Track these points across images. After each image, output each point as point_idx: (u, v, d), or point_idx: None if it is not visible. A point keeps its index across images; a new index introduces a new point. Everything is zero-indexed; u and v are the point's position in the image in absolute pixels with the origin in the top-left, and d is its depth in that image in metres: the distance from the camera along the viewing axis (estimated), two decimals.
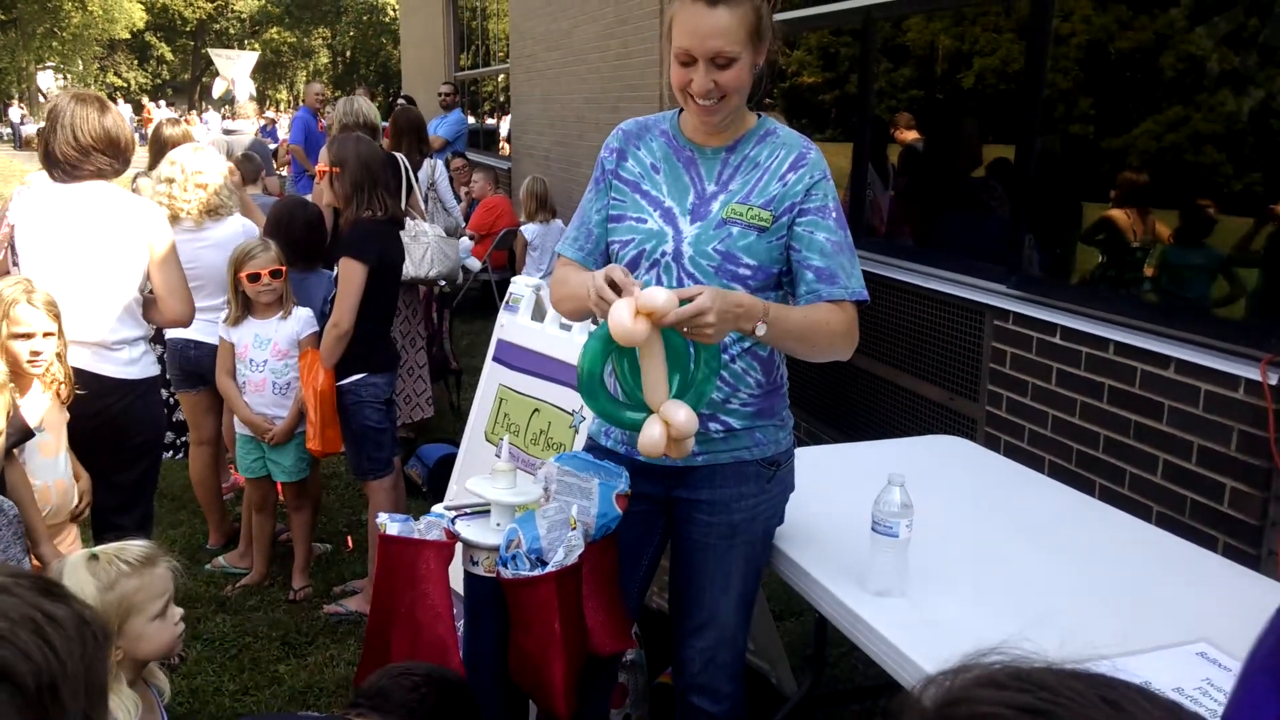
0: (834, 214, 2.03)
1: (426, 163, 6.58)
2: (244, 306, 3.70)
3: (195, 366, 3.96)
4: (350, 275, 3.42)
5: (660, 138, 2.13)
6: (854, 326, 2.04)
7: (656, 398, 1.81)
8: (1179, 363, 2.99)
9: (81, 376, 2.91)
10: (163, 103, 35.07)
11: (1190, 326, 3.04)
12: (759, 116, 2.11)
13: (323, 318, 3.69)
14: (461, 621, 2.14)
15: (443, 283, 5.30)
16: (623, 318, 1.69)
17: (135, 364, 3.08)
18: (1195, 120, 3.12)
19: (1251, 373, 2.77)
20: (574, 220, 2.22)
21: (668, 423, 1.79)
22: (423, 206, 5.51)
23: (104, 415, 2.99)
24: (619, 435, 2.17)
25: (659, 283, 2.02)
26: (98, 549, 1.93)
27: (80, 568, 1.87)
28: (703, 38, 1.89)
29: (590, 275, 1.82)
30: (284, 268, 3.68)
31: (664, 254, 2.04)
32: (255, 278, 3.62)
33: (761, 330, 1.86)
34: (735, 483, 2.10)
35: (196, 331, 3.76)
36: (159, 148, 4.94)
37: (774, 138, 2.08)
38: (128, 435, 3.09)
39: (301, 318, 3.73)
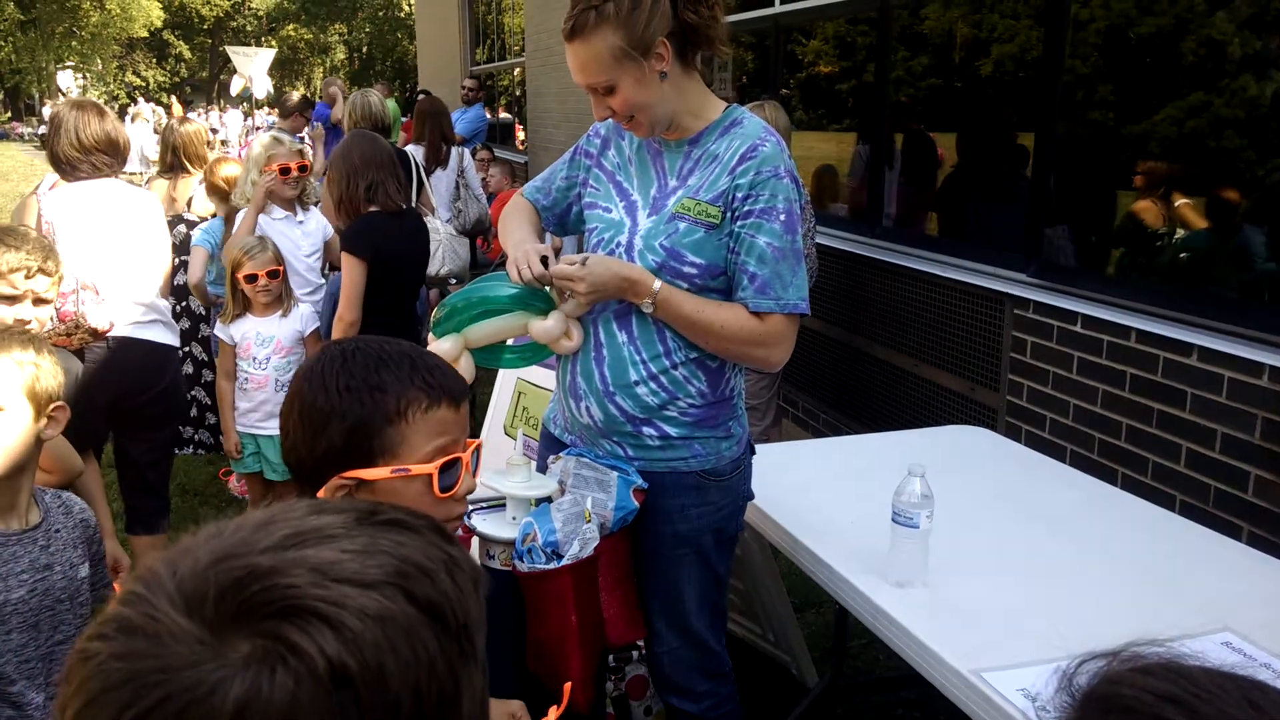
0: (782, 216, 1.91)
1: (454, 151, 6.59)
2: (242, 305, 3.70)
3: None
4: (348, 270, 3.50)
5: None
6: (774, 337, 1.96)
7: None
8: (1202, 350, 2.95)
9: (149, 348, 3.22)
10: (195, 110, 35.16)
11: (1213, 314, 3.00)
12: (727, 106, 2.04)
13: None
14: None
15: (453, 280, 5.29)
16: (551, 330, 1.98)
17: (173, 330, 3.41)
18: (1217, 105, 3.08)
19: (1275, 359, 2.74)
20: (545, 172, 2.27)
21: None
22: (432, 199, 5.49)
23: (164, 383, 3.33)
24: (564, 423, 2.17)
25: None
26: None
27: None
28: (575, 73, 1.96)
29: (521, 248, 1.96)
30: (281, 267, 3.69)
31: (619, 244, 2.03)
32: (253, 279, 3.62)
33: (648, 308, 1.93)
34: (674, 494, 2.04)
35: None
36: (171, 147, 4.98)
37: (738, 129, 1.99)
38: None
39: (304, 315, 3.74)
